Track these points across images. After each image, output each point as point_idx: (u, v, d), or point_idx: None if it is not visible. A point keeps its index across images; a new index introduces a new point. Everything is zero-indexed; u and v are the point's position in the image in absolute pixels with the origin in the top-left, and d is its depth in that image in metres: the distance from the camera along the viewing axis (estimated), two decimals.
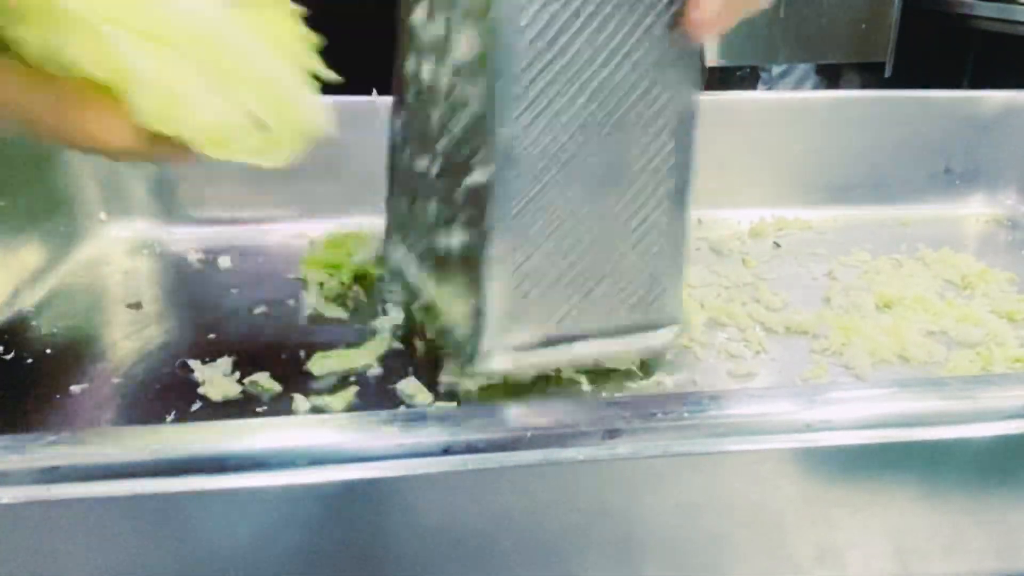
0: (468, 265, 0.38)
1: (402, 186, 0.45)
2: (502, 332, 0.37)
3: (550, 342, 0.39)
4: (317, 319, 0.46)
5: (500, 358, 0.38)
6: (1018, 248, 0.59)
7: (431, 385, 0.40)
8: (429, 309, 0.42)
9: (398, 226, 0.47)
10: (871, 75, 1.48)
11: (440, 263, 0.41)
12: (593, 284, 0.39)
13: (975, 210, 0.65)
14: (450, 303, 0.40)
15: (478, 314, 0.37)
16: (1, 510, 0.24)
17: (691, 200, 0.39)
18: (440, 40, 0.39)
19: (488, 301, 0.37)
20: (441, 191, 0.41)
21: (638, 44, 0.36)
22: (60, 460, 0.24)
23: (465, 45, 0.36)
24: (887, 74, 1.46)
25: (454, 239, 0.40)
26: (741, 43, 1.37)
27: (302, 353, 0.42)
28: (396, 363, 0.42)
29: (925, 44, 1.61)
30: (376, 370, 0.41)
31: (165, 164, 0.37)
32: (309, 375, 0.41)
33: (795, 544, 0.28)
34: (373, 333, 0.44)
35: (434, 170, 0.41)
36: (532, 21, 0.34)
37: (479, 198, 0.36)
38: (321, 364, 0.41)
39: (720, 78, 1.53)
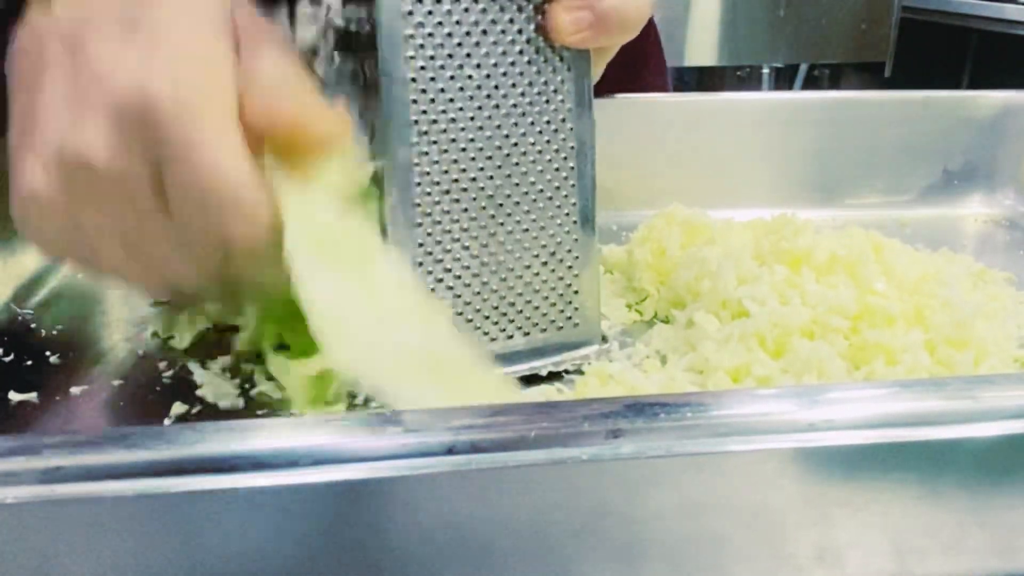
0: None
1: None
2: None
3: None
4: None
5: None
6: (1016, 248, 0.59)
7: None
8: None
9: None
10: (871, 75, 1.49)
11: None
12: (508, 307, 0.39)
13: (973, 210, 0.65)
14: None
15: None
16: (5, 510, 0.24)
17: (596, 217, 0.40)
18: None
19: None
20: None
21: (527, 68, 0.37)
22: (65, 460, 0.24)
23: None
24: (887, 74, 1.46)
25: None
26: (741, 43, 1.37)
27: None
28: None
29: (924, 45, 1.61)
30: None
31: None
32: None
33: (798, 544, 0.28)
34: None
35: None
36: (418, 51, 0.35)
37: (384, 226, 0.36)
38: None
39: (720, 78, 1.53)
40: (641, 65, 0.71)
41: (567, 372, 0.41)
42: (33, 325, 0.45)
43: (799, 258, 0.46)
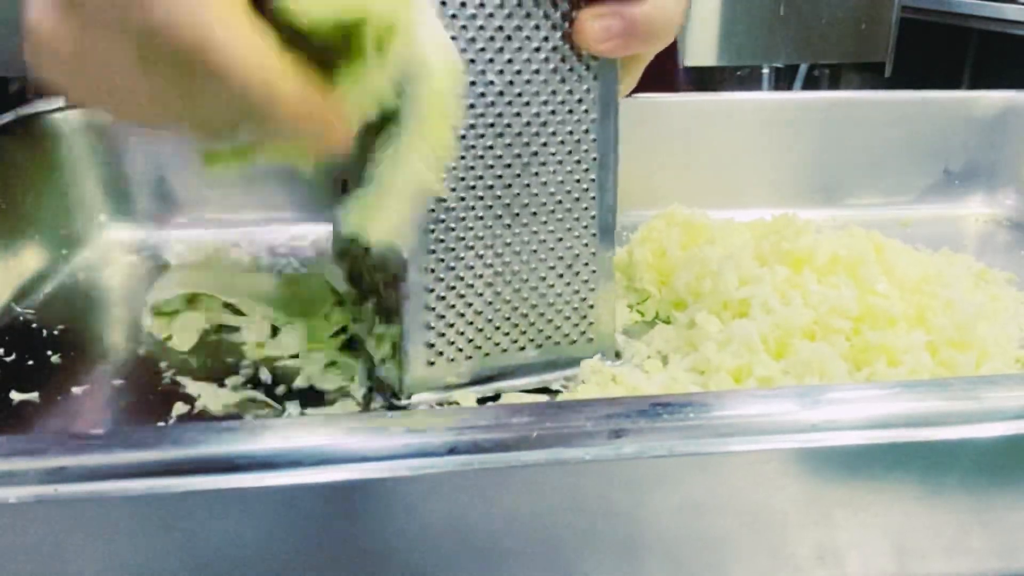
0: (392, 300, 0.38)
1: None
2: (425, 370, 0.37)
3: (479, 379, 0.38)
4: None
5: (425, 396, 0.37)
6: (1017, 248, 0.59)
7: None
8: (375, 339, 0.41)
9: (339, 255, 0.47)
10: (871, 75, 1.49)
11: (374, 295, 0.41)
12: (521, 318, 0.38)
13: (974, 210, 0.65)
14: (381, 337, 0.39)
15: (401, 352, 0.37)
16: (8, 510, 0.24)
17: (615, 229, 0.39)
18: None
19: (407, 338, 0.37)
20: None
21: (551, 76, 0.36)
22: (67, 460, 0.24)
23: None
24: (887, 74, 1.46)
25: (378, 273, 0.39)
26: (741, 43, 1.37)
27: None
28: None
29: (924, 45, 1.61)
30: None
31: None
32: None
33: (799, 544, 0.28)
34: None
35: None
36: None
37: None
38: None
39: (720, 78, 1.53)
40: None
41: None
42: (34, 325, 0.45)
43: (800, 258, 0.46)
